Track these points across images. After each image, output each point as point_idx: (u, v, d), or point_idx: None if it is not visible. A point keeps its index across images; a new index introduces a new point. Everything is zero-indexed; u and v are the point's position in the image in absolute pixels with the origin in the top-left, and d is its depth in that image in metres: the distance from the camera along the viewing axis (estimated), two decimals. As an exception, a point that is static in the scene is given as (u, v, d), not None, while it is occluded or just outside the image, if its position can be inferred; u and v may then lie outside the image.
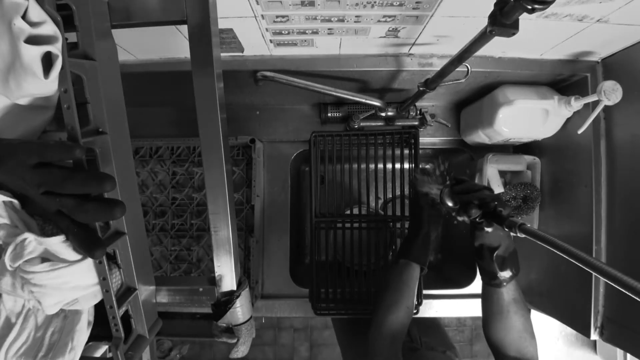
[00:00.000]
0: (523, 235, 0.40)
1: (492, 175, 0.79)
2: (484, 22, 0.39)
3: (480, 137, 0.80)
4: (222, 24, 0.55)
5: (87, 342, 0.38)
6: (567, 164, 0.73)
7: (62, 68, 0.30)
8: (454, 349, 0.76)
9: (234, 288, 0.50)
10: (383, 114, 0.84)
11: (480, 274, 0.55)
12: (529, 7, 0.32)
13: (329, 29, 0.58)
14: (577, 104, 0.64)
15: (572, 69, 0.68)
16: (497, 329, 0.54)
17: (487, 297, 0.55)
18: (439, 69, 0.55)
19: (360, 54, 0.68)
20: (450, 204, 0.53)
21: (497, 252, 0.52)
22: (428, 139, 0.91)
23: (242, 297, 0.51)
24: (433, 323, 0.86)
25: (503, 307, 0.53)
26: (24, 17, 0.28)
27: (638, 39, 0.59)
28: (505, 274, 0.52)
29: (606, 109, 0.65)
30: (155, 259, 0.91)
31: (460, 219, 0.53)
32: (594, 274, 0.30)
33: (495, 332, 0.54)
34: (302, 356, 1.83)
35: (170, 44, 0.63)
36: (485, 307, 0.56)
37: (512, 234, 0.43)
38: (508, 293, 0.53)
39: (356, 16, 0.54)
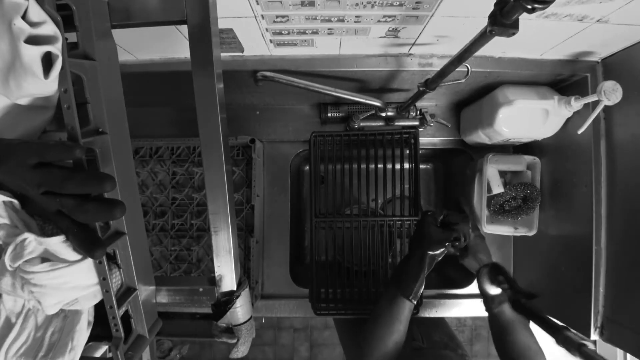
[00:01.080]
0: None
1: (492, 175, 0.79)
2: (484, 22, 0.39)
3: (480, 137, 0.79)
4: (222, 24, 0.55)
5: (87, 342, 0.38)
6: (567, 164, 0.73)
7: (62, 68, 0.30)
8: (454, 340, 0.76)
9: (234, 288, 0.50)
10: (383, 114, 0.84)
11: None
12: (529, 7, 0.32)
13: (329, 29, 0.58)
14: (577, 104, 0.64)
15: (572, 69, 0.68)
16: (503, 348, 0.57)
17: (490, 322, 0.60)
18: (439, 69, 0.55)
19: (360, 54, 0.68)
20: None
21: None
22: (428, 139, 0.91)
23: (242, 297, 0.51)
24: (432, 320, 0.86)
25: (502, 327, 0.57)
26: (24, 17, 0.28)
27: (638, 39, 0.59)
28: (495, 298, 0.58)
29: (606, 109, 0.65)
30: (155, 259, 0.91)
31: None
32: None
33: (501, 351, 0.58)
34: (302, 356, 1.83)
35: (170, 44, 0.63)
36: (491, 331, 0.60)
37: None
38: (503, 314, 0.58)
39: (356, 16, 0.54)
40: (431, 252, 0.59)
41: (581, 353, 0.41)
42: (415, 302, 0.59)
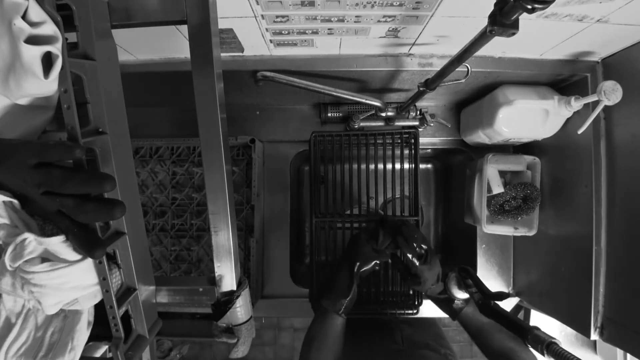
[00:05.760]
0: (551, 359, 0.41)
1: (492, 175, 0.79)
2: (484, 22, 0.39)
3: (480, 137, 0.79)
4: (222, 24, 0.55)
5: (87, 342, 0.38)
6: (567, 164, 0.73)
7: (62, 68, 0.30)
8: (439, 339, 0.74)
9: (234, 288, 0.50)
10: (383, 114, 0.84)
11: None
12: (529, 7, 0.32)
13: (329, 29, 0.58)
14: (577, 104, 0.64)
15: (572, 69, 0.68)
16: (481, 349, 0.57)
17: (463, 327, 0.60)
18: (439, 69, 0.55)
19: (360, 54, 0.68)
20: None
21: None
22: (428, 139, 0.91)
23: (242, 297, 0.51)
24: (424, 320, 0.85)
25: (473, 332, 0.58)
26: (24, 17, 0.28)
27: (638, 39, 0.59)
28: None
29: (606, 109, 0.65)
30: (155, 259, 0.91)
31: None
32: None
33: (483, 352, 0.57)
34: (302, 356, 1.83)
35: (170, 44, 0.63)
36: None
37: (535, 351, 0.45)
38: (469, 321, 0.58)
39: (356, 16, 0.54)
40: (362, 268, 0.61)
41: (550, 351, 0.40)
42: (345, 317, 0.59)
